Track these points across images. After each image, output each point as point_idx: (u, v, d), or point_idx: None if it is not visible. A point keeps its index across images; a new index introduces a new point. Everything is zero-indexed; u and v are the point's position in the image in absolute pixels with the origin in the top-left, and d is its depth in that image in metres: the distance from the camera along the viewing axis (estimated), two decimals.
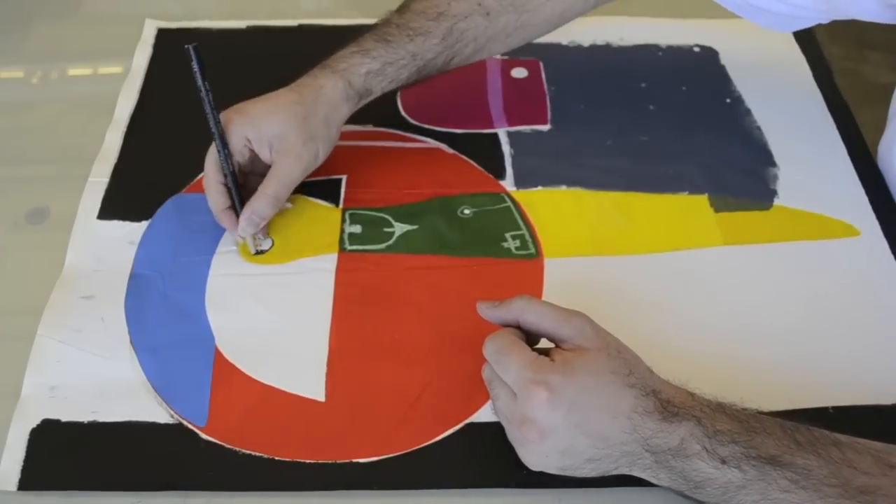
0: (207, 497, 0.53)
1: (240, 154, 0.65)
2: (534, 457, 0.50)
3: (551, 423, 0.48)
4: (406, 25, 0.68)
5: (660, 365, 0.52)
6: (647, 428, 0.48)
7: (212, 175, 0.65)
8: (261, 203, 0.64)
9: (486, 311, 0.55)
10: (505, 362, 0.51)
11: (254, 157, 0.66)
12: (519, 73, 0.81)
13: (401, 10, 0.70)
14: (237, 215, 0.65)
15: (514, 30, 0.71)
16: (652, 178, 0.72)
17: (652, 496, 0.52)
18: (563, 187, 0.71)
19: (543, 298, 0.63)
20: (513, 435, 0.51)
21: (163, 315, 0.62)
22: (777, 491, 0.45)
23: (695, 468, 0.47)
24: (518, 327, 0.54)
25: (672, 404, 0.48)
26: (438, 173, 0.72)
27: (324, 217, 0.69)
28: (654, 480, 0.49)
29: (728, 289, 0.64)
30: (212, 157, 0.65)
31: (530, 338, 0.53)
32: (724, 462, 0.46)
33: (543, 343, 0.54)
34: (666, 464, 0.48)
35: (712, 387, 0.51)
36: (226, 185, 0.65)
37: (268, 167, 0.65)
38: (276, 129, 0.64)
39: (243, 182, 0.67)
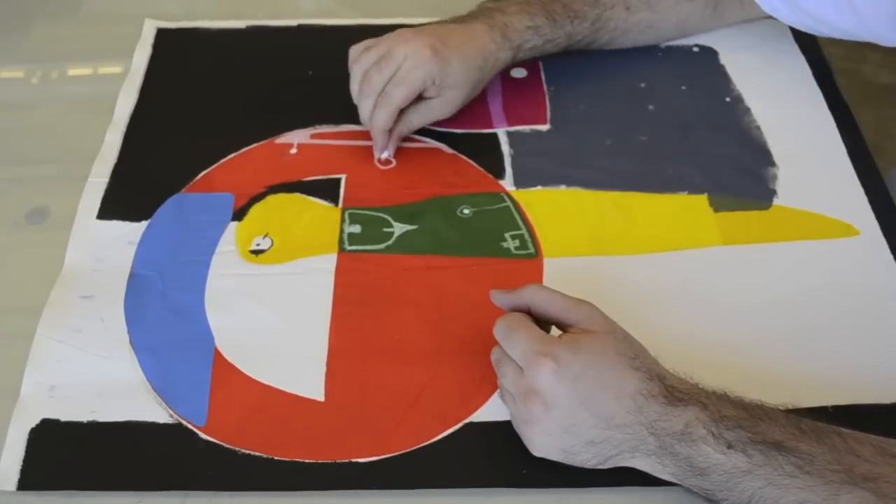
0: (207, 497, 0.53)
1: (418, 85, 0.68)
2: (538, 436, 0.51)
3: (556, 396, 0.49)
4: (569, 7, 0.74)
5: (660, 363, 0.52)
6: (651, 410, 0.48)
7: (399, 102, 0.68)
8: (403, 129, 0.71)
9: (499, 297, 0.56)
10: (514, 338, 0.52)
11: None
12: (518, 73, 0.80)
13: None
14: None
15: (646, 27, 0.77)
16: (652, 178, 0.72)
17: (652, 496, 0.52)
18: (563, 187, 0.71)
19: None
20: (518, 413, 0.52)
21: (162, 315, 0.62)
22: (783, 476, 0.46)
23: (700, 453, 0.47)
24: (528, 314, 0.54)
25: (677, 389, 0.49)
26: (438, 173, 0.72)
27: (323, 217, 0.69)
28: (657, 470, 0.50)
29: (728, 289, 0.64)
30: (411, 88, 0.68)
31: (540, 325, 0.54)
32: (730, 446, 0.47)
33: (553, 332, 0.54)
34: (670, 449, 0.48)
35: (712, 386, 0.51)
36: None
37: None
38: (455, 81, 0.69)
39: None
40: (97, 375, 0.59)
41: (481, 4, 0.75)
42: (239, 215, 0.69)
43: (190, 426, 0.56)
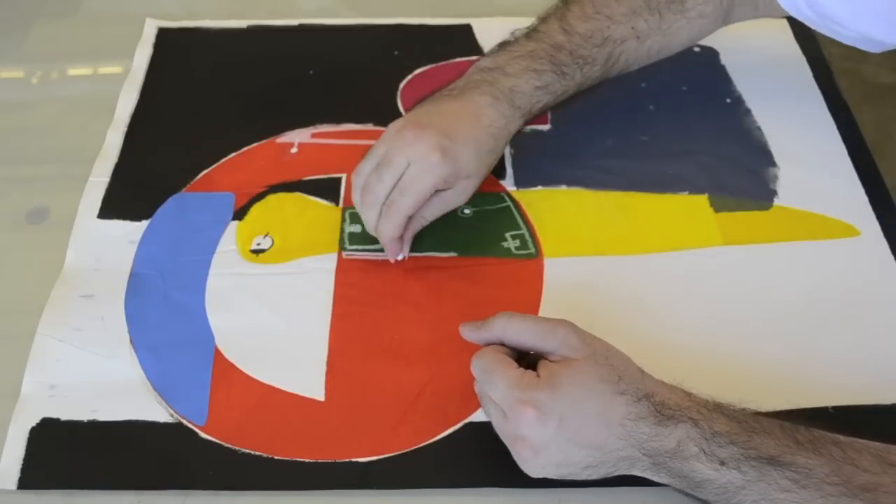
0: (207, 496, 0.54)
1: (428, 192, 0.61)
2: (531, 469, 0.50)
3: (543, 440, 0.48)
4: (577, 53, 0.66)
5: (659, 364, 0.52)
6: (641, 433, 0.48)
7: (408, 211, 0.61)
8: (417, 227, 0.64)
9: (469, 334, 0.54)
10: (492, 382, 0.50)
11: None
12: None
13: (565, 28, 0.67)
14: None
15: (657, 51, 0.71)
16: (652, 178, 0.72)
17: (652, 496, 0.52)
18: (563, 187, 0.71)
19: (543, 298, 0.63)
20: (510, 449, 0.51)
21: (163, 314, 0.62)
22: (777, 491, 0.45)
23: (693, 469, 0.47)
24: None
25: (667, 406, 0.48)
26: None
27: (324, 216, 0.69)
28: (655, 479, 0.49)
29: (728, 289, 0.64)
30: (420, 195, 0.61)
31: (518, 350, 0.53)
32: (722, 463, 0.46)
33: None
34: (664, 465, 0.48)
35: (711, 386, 0.51)
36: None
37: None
38: (471, 171, 0.63)
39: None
40: (97, 375, 0.59)
41: (478, 65, 0.67)
42: (239, 215, 0.69)
43: (190, 425, 0.56)
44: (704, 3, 0.69)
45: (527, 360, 0.52)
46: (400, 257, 0.64)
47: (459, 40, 0.84)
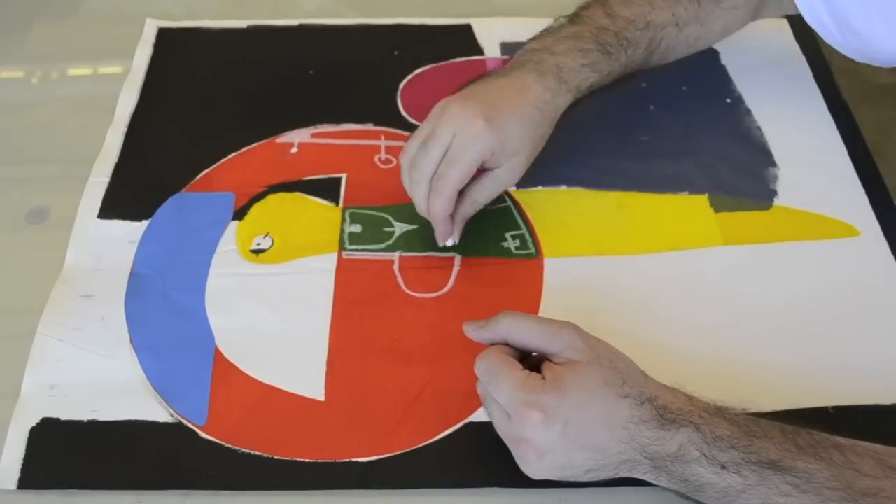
0: (207, 496, 0.54)
1: (476, 161, 0.61)
2: (533, 471, 0.50)
3: (547, 444, 0.48)
4: (622, 35, 0.67)
5: (659, 365, 0.52)
6: (644, 436, 0.48)
7: (456, 184, 0.61)
8: (469, 210, 0.64)
9: (473, 332, 0.54)
10: (496, 383, 0.50)
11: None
12: None
13: (609, 12, 0.68)
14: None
15: (695, 40, 0.72)
16: (652, 178, 0.72)
17: (652, 496, 0.52)
18: (563, 187, 0.71)
19: (543, 298, 0.63)
20: (512, 450, 0.51)
21: (163, 314, 0.62)
22: (778, 495, 0.45)
23: (694, 473, 0.47)
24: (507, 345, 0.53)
25: (669, 410, 0.48)
26: None
27: (324, 216, 0.69)
28: (655, 482, 0.50)
29: (728, 289, 0.64)
30: (468, 166, 0.60)
31: (522, 350, 0.53)
32: (723, 467, 0.46)
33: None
34: (665, 469, 0.48)
35: (712, 387, 0.51)
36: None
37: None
38: (517, 145, 0.62)
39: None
40: (97, 375, 0.59)
41: (526, 47, 0.67)
42: (239, 215, 0.69)
43: (190, 425, 0.56)
44: None
45: (529, 361, 0.52)
46: (450, 242, 0.64)
47: (459, 40, 0.84)
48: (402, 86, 0.80)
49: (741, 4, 0.71)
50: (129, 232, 0.67)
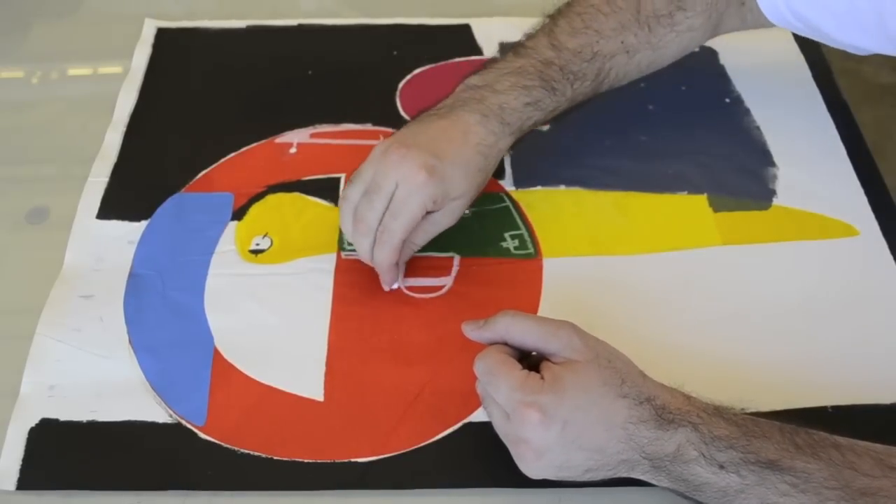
0: (206, 497, 0.54)
1: (419, 214, 0.59)
2: (532, 471, 0.50)
3: (546, 443, 0.48)
4: (567, 69, 0.64)
5: (658, 365, 0.52)
6: (642, 436, 0.48)
7: (402, 235, 0.60)
8: (408, 253, 0.63)
9: (472, 332, 0.54)
10: (495, 383, 0.50)
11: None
12: None
13: (554, 43, 0.65)
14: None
15: (647, 66, 0.69)
16: (651, 178, 0.72)
17: (652, 496, 0.52)
18: (563, 187, 0.71)
19: (542, 298, 0.63)
20: (510, 450, 0.51)
21: (162, 314, 0.62)
22: (776, 495, 0.45)
23: (692, 473, 0.47)
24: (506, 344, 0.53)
25: (667, 410, 0.48)
26: None
27: (323, 216, 0.69)
28: (654, 482, 0.50)
29: (727, 289, 0.64)
30: (412, 217, 0.59)
31: (521, 349, 0.53)
32: (722, 467, 0.46)
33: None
34: (664, 468, 0.48)
35: (711, 386, 0.51)
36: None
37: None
38: (461, 191, 0.61)
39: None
40: (97, 375, 0.59)
41: (466, 83, 0.65)
42: (238, 215, 0.69)
43: (189, 426, 0.56)
44: (693, 16, 0.67)
45: (529, 360, 0.52)
46: (395, 286, 0.63)
47: (458, 40, 0.84)
48: (401, 86, 0.80)
49: (697, 26, 0.68)
50: (129, 232, 0.67)
